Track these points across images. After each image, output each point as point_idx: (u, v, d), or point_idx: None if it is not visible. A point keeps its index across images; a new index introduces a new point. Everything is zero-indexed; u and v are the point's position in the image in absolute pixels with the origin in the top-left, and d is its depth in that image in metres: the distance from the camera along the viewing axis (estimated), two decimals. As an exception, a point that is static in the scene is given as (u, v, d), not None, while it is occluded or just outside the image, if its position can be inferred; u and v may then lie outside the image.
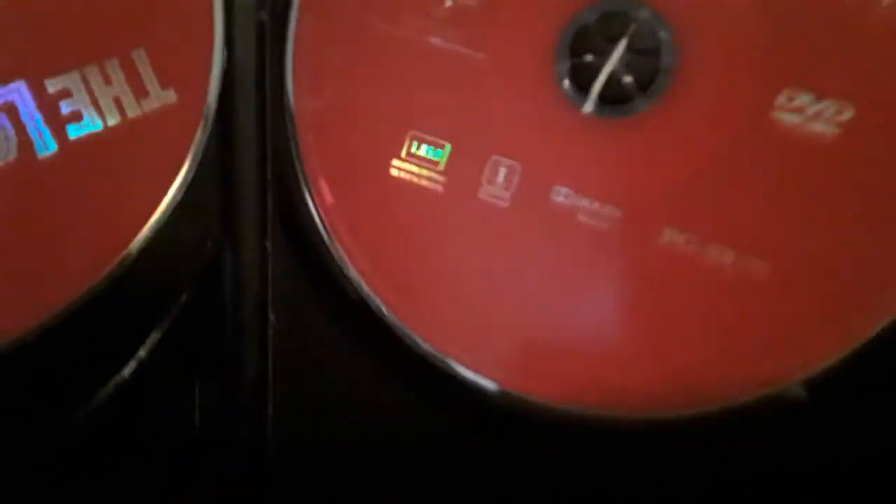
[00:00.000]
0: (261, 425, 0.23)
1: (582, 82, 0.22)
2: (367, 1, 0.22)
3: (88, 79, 0.20)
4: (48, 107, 0.20)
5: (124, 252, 0.20)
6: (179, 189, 0.21)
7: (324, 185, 0.22)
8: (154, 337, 0.22)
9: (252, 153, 0.22)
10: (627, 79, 0.22)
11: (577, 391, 0.21)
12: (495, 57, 0.22)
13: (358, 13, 0.22)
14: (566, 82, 0.22)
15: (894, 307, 0.20)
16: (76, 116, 0.20)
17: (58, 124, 0.20)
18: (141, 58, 0.21)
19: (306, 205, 0.22)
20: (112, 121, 0.21)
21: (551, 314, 0.21)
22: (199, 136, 0.21)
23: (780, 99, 0.21)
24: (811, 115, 0.21)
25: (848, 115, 0.21)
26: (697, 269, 0.21)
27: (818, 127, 0.21)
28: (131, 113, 0.21)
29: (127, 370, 0.22)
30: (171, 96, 0.21)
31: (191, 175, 0.21)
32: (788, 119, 0.21)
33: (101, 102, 0.21)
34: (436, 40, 0.22)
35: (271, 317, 0.23)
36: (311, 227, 0.22)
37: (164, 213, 0.21)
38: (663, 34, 0.21)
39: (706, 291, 0.21)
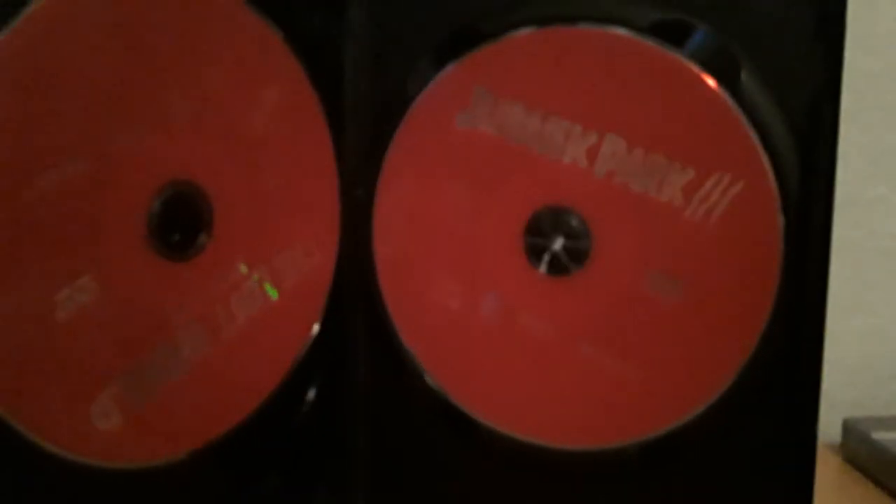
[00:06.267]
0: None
1: (537, 254, 0.39)
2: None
3: (288, 257, 0.41)
4: (279, 275, 0.41)
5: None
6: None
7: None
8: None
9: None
10: (563, 256, 0.39)
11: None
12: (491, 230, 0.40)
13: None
14: (528, 252, 0.40)
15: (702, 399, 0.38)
16: (290, 275, 0.42)
17: (279, 281, 0.42)
18: (305, 246, 0.41)
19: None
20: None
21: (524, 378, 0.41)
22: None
23: (648, 273, 0.38)
24: (661, 286, 0.37)
25: (679, 288, 0.37)
26: (592, 361, 0.39)
27: (664, 293, 0.37)
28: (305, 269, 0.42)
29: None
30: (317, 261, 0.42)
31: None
32: (649, 285, 0.38)
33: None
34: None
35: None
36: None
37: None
38: (584, 229, 0.38)
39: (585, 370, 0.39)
